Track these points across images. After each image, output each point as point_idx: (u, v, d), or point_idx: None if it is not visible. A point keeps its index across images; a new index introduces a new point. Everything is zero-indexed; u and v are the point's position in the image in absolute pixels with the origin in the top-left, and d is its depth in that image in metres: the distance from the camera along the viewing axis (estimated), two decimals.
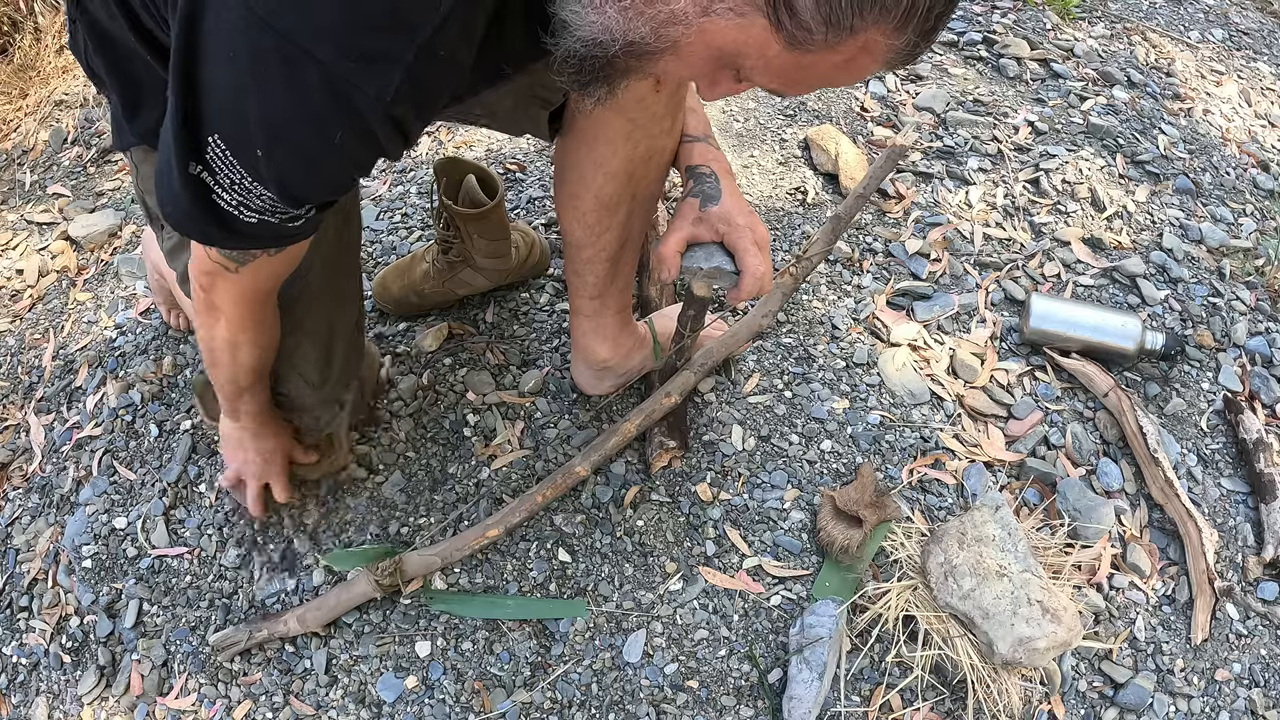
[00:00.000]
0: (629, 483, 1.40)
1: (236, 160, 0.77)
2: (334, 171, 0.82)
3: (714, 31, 0.68)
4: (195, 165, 0.79)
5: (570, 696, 1.25)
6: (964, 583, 1.20)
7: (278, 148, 0.76)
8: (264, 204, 0.81)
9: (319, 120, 0.74)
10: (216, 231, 0.85)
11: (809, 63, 0.68)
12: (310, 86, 0.71)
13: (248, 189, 0.79)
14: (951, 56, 2.13)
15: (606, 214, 1.19)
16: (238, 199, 0.81)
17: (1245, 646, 1.33)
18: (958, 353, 1.55)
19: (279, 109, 0.73)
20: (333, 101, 0.73)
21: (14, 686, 1.41)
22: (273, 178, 0.78)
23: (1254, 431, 1.47)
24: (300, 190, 0.82)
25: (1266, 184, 1.93)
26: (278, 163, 0.77)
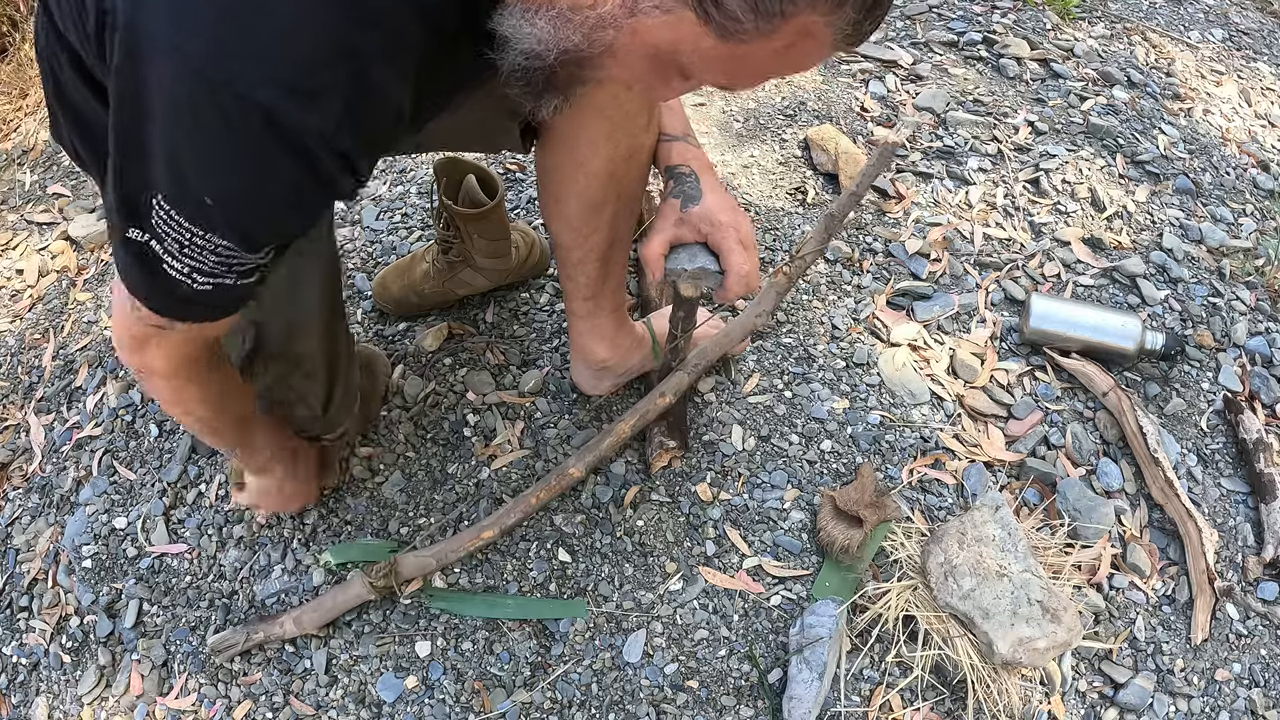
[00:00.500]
0: (629, 483, 1.40)
1: (183, 216, 0.74)
2: (287, 209, 0.80)
3: (645, 30, 0.68)
4: (137, 231, 0.76)
5: (570, 696, 1.25)
6: (964, 583, 1.20)
7: (226, 193, 0.74)
8: (218, 261, 0.78)
9: (266, 161, 0.72)
10: (168, 301, 0.82)
11: (745, 53, 0.68)
12: (253, 131, 0.70)
13: (199, 247, 0.77)
14: (951, 56, 2.13)
15: (592, 215, 1.19)
16: (189, 264, 0.78)
17: (1245, 646, 1.33)
18: (958, 353, 1.55)
19: (223, 156, 0.72)
20: (278, 142, 0.71)
21: (14, 686, 1.41)
22: (226, 223, 0.76)
23: (1254, 431, 1.47)
24: (256, 231, 0.79)
25: (1266, 184, 1.93)
26: (227, 207, 0.75)
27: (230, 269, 0.80)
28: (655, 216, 1.16)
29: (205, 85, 0.67)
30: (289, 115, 0.69)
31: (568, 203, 1.19)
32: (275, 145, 0.71)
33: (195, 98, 0.68)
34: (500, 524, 1.28)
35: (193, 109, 0.68)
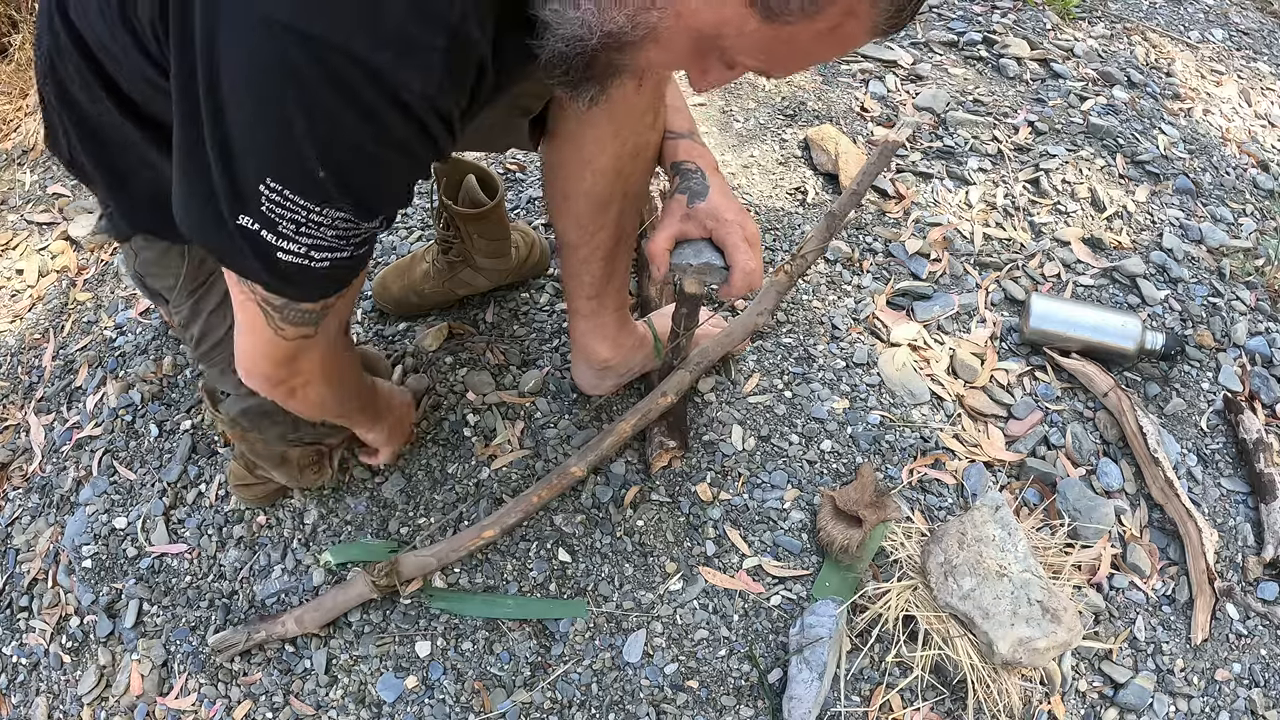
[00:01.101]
0: (629, 483, 1.40)
1: (298, 195, 0.73)
2: (400, 172, 0.79)
3: (689, 13, 0.68)
4: (248, 219, 0.75)
5: (570, 696, 1.25)
6: (964, 583, 1.20)
7: (339, 158, 0.72)
8: (336, 236, 0.78)
9: (372, 118, 0.70)
10: (288, 287, 0.82)
11: (790, 35, 0.67)
12: (354, 84, 0.68)
13: (316, 223, 0.76)
14: (951, 56, 2.13)
15: (599, 213, 1.19)
16: (306, 244, 0.77)
17: (1245, 646, 1.33)
18: (958, 353, 1.55)
19: (327, 115, 0.69)
20: (380, 97, 0.69)
21: (14, 686, 1.41)
22: (342, 193, 0.74)
23: (1254, 431, 1.47)
24: (374, 198, 0.78)
25: (1266, 184, 1.93)
26: (343, 174, 0.73)
27: (349, 241, 0.79)
28: (661, 212, 1.16)
29: (305, 49, 0.66)
30: (393, 73, 0.68)
31: (575, 200, 1.19)
32: (382, 103, 0.69)
33: (295, 63, 0.66)
34: (501, 523, 1.28)
35: (295, 76, 0.67)
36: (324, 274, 0.81)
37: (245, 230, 0.75)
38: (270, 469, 1.33)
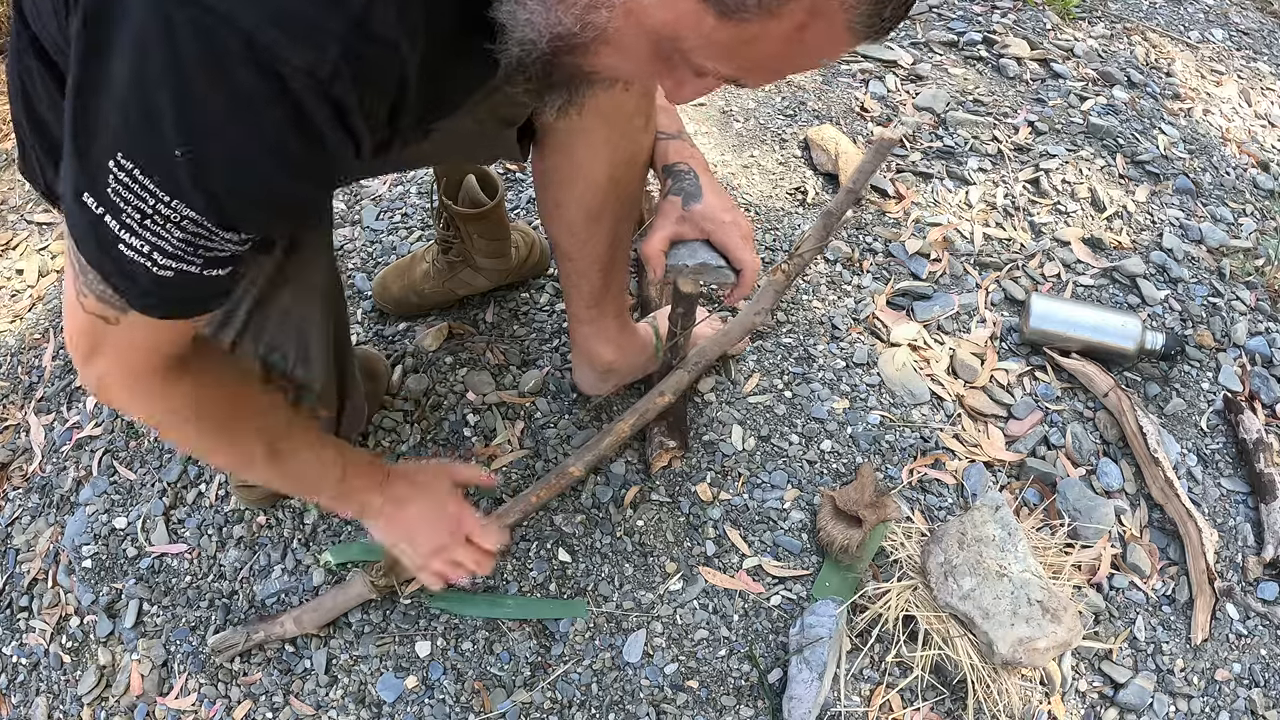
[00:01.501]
0: (629, 483, 1.40)
1: (147, 177, 0.64)
2: (271, 177, 0.68)
3: (640, 11, 0.63)
4: (92, 200, 0.66)
5: (570, 696, 1.25)
6: (964, 583, 1.20)
7: (200, 142, 0.63)
8: (183, 240, 0.68)
9: (245, 100, 0.62)
10: (121, 283, 0.71)
11: (753, 35, 0.61)
12: (232, 58, 0.60)
13: (164, 218, 0.66)
14: (951, 56, 2.13)
15: (593, 221, 1.18)
16: (149, 241, 0.67)
17: (1245, 646, 1.33)
18: (958, 353, 1.55)
19: (196, 90, 0.61)
20: (260, 78, 0.61)
21: (14, 686, 1.41)
22: (198, 185, 0.65)
23: (1254, 431, 1.47)
24: (231, 202, 0.67)
25: (1266, 184, 1.93)
26: (201, 163, 0.64)
27: (197, 251, 0.69)
28: (655, 214, 1.15)
29: (185, 11, 0.59)
30: (274, 44, 0.60)
31: (569, 209, 1.18)
32: (255, 78, 0.61)
33: (173, 25, 0.59)
34: (500, 523, 1.27)
35: (169, 39, 0.60)
36: (167, 283, 0.70)
37: (87, 209, 0.67)
38: None
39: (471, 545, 1.17)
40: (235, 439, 0.95)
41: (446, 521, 1.15)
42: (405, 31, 0.67)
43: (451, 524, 1.15)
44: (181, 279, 0.70)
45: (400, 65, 0.69)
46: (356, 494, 1.09)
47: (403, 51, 0.68)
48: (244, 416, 0.96)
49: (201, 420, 0.90)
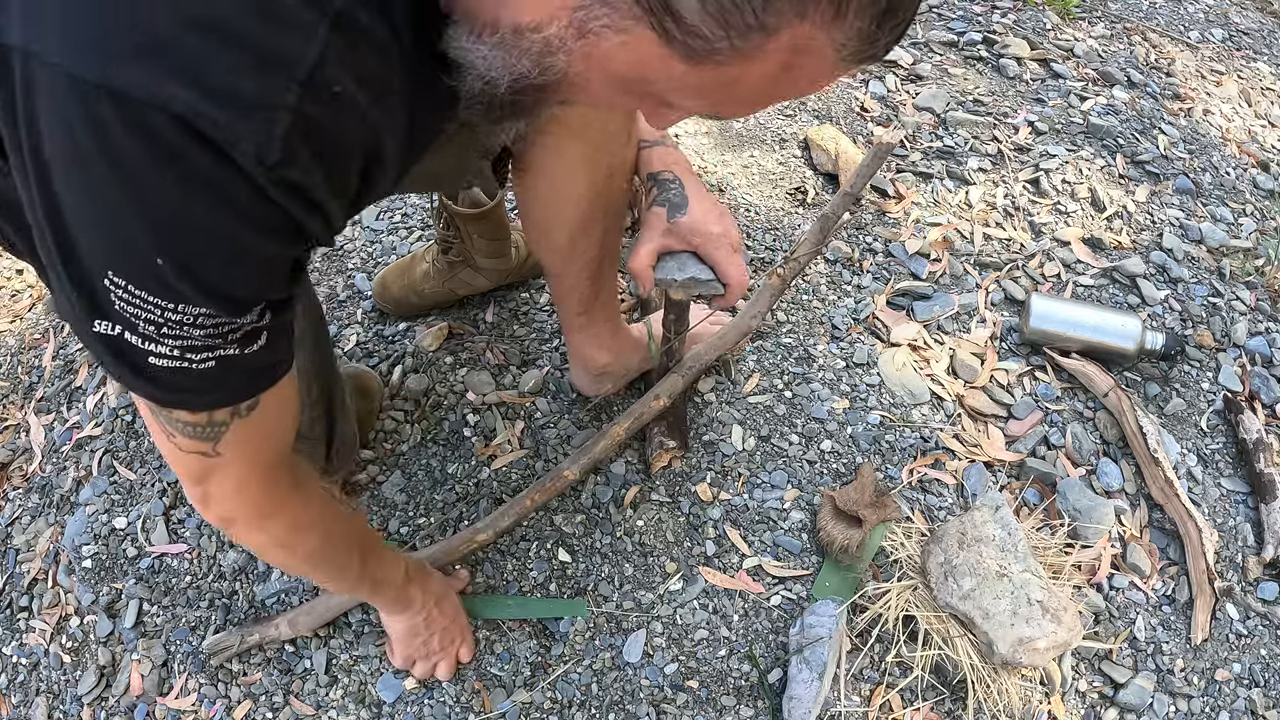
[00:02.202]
0: (629, 483, 1.40)
1: (145, 290, 0.59)
2: (259, 254, 0.62)
3: (601, 56, 0.56)
4: (104, 324, 0.62)
5: (570, 696, 1.25)
6: (964, 583, 1.20)
7: (175, 243, 0.58)
8: (206, 334, 0.63)
9: (205, 187, 0.56)
10: (172, 394, 0.68)
11: (731, 77, 0.55)
12: (177, 147, 0.54)
13: (177, 323, 0.62)
14: (951, 56, 2.13)
15: (580, 238, 1.17)
16: (176, 345, 0.63)
17: (1245, 646, 1.33)
18: (958, 353, 1.55)
19: (152, 190, 0.55)
20: (211, 162, 0.55)
21: (14, 686, 1.41)
22: (193, 285, 0.60)
23: (1254, 431, 1.47)
24: (232, 287, 0.63)
25: (1266, 184, 1.93)
26: (188, 263, 0.59)
27: (227, 338, 0.65)
28: (641, 227, 1.14)
29: (118, 109, 0.53)
30: (214, 126, 0.54)
31: (552, 231, 1.16)
32: (205, 162, 0.55)
33: (108, 129, 0.53)
34: (494, 527, 1.28)
35: (110, 145, 0.54)
36: (211, 374, 0.66)
37: (105, 337, 0.62)
38: None
39: (464, 645, 1.27)
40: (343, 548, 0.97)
41: (455, 634, 1.25)
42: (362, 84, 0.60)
43: (454, 641, 1.26)
44: (225, 364, 0.66)
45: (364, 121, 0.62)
46: (409, 594, 1.15)
47: (362, 106, 0.61)
48: (347, 523, 0.97)
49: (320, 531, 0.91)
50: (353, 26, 0.57)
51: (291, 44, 0.55)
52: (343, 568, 1.00)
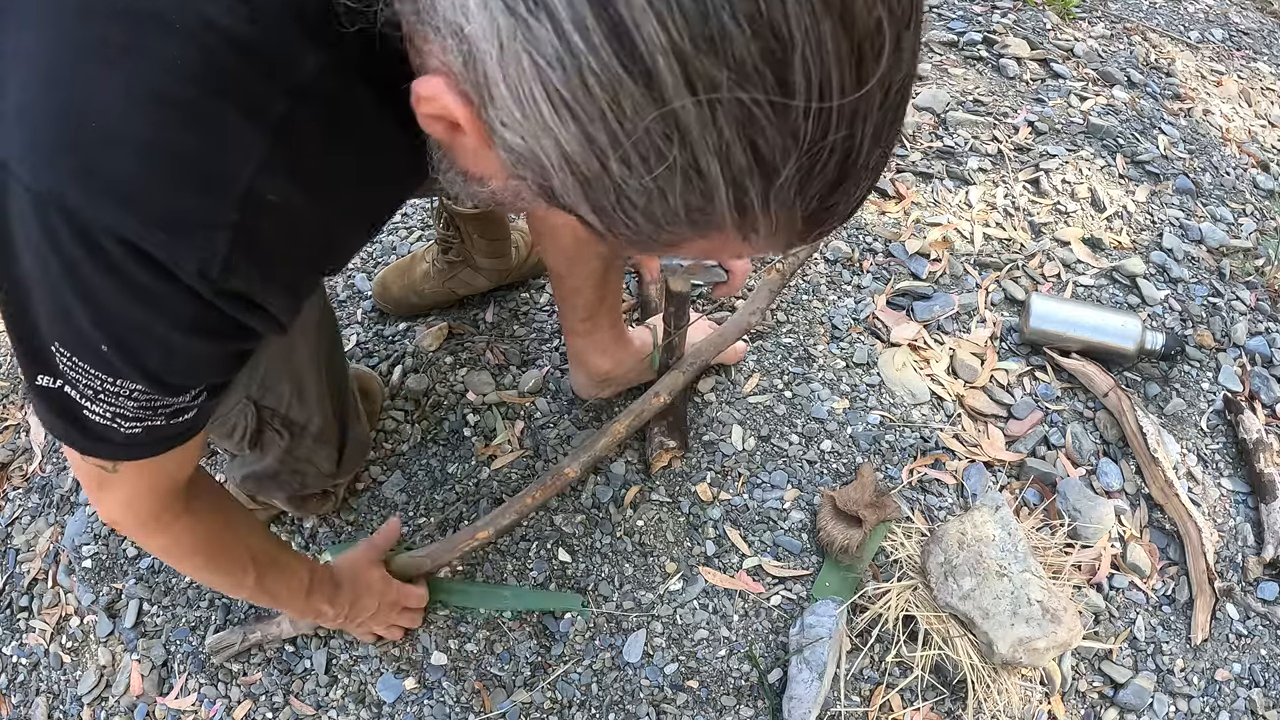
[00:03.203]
0: (629, 483, 1.40)
1: (85, 363, 0.64)
2: (201, 353, 0.67)
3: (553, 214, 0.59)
4: (48, 379, 0.66)
5: (570, 696, 1.25)
6: (964, 583, 1.20)
7: (124, 341, 0.62)
8: (138, 407, 0.68)
9: (149, 299, 0.60)
10: (100, 446, 0.72)
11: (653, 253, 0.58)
12: (123, 264, 0.57)
13: (113, 394, 0.66)
14: (951, 56, 2.13)
15: (586, 243, 1.17)
16: (109, 409, 0.67)
17: (1245, 646, 1.33)
18: (958, 353, 1.55)
19: (100, 294, 0.59)
20: (155, 279, 0.58)
21: (14, 686, 1.41)
22: (131, 368, 0.64)
23: (1254, 431, 1.47)
24: (173, 377, 0.67)
25: (1266, 184, 1.93)
26: (128, 353, 0.63)
27: (156, 412, 0.69)
28: None
29: (70, 224, 0.56)
30: (158, 248, 0.57)
31: (561, 236, 1.17)
32: (150, 279, 0.58)
33: (60, 239, 0.57)
34: (495, 524, 1.27)
35: (61, 253, 0.57)
36: (139, 438, 0.71)
37: (47, 390, 0.67)
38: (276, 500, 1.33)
39: (406, 610, 1.28)
40: (232, 567, 0.98)
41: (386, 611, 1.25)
42: (303, 185, 0.62)
43: (389, 610, 1.26)
44: (151, 432, 0.70)
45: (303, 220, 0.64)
46: (314, 608, 1.15)
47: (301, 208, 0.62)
48: (239, 544, 0.98)
49: (204, 552, 0.93)
50: (297, 131, 0.59)
51: (230, 161, 0.57)
52: (234, 586, 1.03)
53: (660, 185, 0.44)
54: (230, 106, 0.56)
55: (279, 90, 0.58)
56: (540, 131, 0.45)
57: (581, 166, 0.45)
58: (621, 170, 0.44)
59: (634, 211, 0.47)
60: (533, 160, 0.47)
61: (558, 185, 0.48)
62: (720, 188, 0.44)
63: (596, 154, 0.44)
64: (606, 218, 0.49)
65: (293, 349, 1.06)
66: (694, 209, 0.46)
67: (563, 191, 0.48)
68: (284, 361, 1.06)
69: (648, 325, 1.45)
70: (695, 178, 0.44)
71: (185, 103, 0.55)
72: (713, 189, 0.44)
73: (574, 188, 0.47)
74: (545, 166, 0.47)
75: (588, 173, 0.45)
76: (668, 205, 0.46)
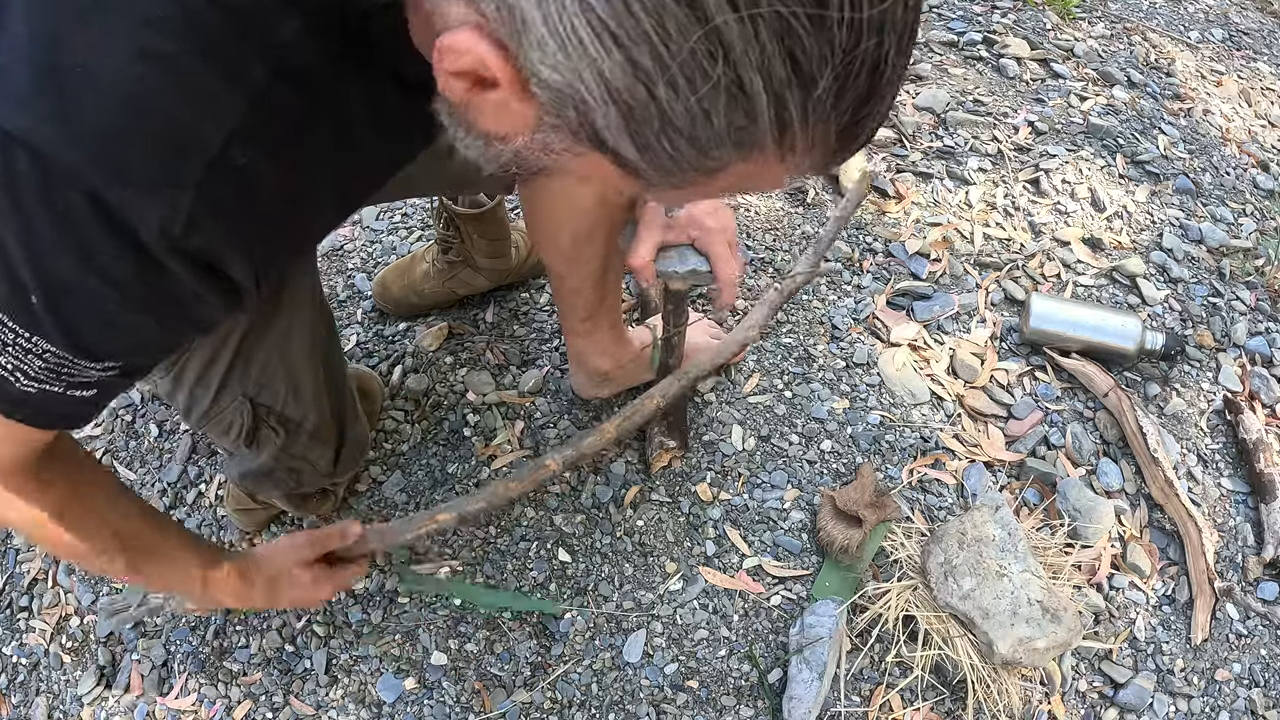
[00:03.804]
0: (629, 483, 1.40)
1: (5, 314, 0.62)
2: (136, 324, 0.65)
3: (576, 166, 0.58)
4: None
5: (570, 696, 1.25)
6: (964, 583, 1.20)
7: (53, 290, 0.61)
8: (44, 367, 0.65)
9: (101, 258, 0.59)
10: None
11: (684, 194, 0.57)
12: (79, 216, 0.57)
13: (23, 349, 0.64)
14: (951, 56, 2.13)
15: (585, 244, 1.17)
16: (12, 362, 0.64)
17: (1245, 646, 1.33)
18: (958, 353, 1.55)
19: (49, 246, 0.58)
20: (109, 234, 0.58)
21: (14, 686, 1.41)
22: (53, 326, 0.62)
23: (1254, 431, 1.47)
24: (95, 343, 0.65)
25: (1266, 184, 1.93)
26: (56, 308, 0.61)
27: (60, 377, 0.67)
28: (639, 223, 1.15)
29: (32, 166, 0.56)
30: (122, 204, 0.57)
31: (559, 235, 1.17)
32: (106, 236, 0.58)
33: (15, 170, 0.56)
34: (459, 509, 1.18)
35: (11, 184, 0.56)
36: (29, 399, 0.67)
37: None
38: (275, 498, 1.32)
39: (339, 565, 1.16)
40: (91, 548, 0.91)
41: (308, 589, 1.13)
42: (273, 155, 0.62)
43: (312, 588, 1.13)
44: (44, 397, 0.68)
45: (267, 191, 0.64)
46: (213, 598, 1.07)
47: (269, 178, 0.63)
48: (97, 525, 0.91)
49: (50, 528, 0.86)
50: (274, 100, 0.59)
51: (206, 124, 0.58)
52: (104, 568, 0.97)
53: (705, 106, 0.45)
54: (210, 67, 0.56)
55: (258, 53, 0.58)
56: (583, 65, 0.45)
57: (626, 95, 0.46)
58: (668, 94, 0.45)
59: (678, 139, 0.48)
60: (575, 97, 0.47)
61: (599, 121, 0.48)
62: (763, 102, 0.45)
63: (642, 80, 0.45)
64: (648, 151, 0.49)
65: (289, 346, 1.05)
66: (737, 128, 0.47)
67: (604, 127, 0.49)
68: (280, 358, 1.06)
69: (647, 325, 1.45)
70: (739, 95, 0.45)
71: (166, 58, 0.56)
72: (756, 104, 0.45)
73: (617, 121, 0.48)
74: (588, 102, 0.47)
75: (632, 101, 0.46)
76: (712, 128, 0.47)
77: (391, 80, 0.66)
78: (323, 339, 1.14)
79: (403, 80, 0.66)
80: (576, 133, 0.51)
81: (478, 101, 0.54)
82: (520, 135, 0.56)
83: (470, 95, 0.53)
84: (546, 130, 0.53)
